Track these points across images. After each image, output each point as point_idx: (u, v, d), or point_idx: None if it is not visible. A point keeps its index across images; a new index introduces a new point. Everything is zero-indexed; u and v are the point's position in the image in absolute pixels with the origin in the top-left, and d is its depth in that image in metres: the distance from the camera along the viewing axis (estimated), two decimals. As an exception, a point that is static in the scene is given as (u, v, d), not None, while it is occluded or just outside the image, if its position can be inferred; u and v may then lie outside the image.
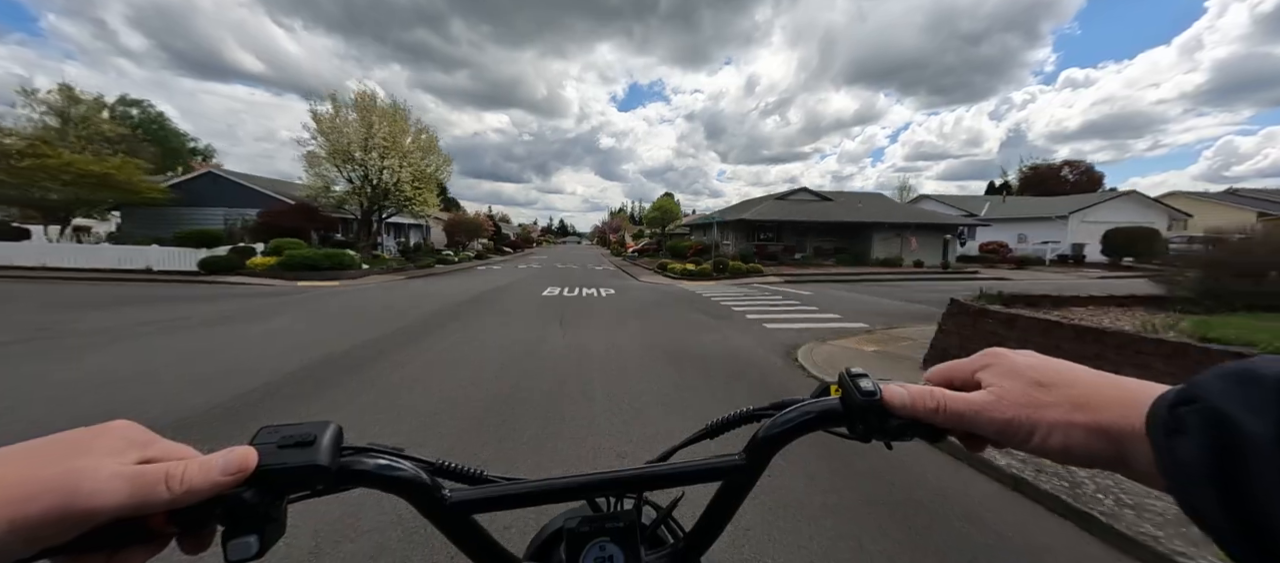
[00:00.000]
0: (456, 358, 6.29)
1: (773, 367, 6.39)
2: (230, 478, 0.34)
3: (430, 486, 0.43)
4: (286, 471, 0.36)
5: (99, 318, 8.72)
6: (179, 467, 0.33)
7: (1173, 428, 0.29)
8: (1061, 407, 0.35)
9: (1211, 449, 0.27)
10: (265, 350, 6.51)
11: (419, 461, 0.44)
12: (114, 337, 7.21)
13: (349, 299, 12.37)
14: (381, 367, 5.80)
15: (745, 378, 5.80)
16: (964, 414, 0.38)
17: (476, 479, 0.47)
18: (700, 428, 0.51)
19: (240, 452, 0.35)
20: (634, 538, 0.47)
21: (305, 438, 0.38)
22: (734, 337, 8.27)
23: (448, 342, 7.28)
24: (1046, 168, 58.88)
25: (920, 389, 0.41)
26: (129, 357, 6.11)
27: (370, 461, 0.41)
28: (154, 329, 7.83)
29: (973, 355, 0.42)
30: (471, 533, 0.44)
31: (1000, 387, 0.38)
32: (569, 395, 4.85)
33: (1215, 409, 0.27)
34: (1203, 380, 0.29)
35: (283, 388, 4.94)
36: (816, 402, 0.45)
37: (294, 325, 8.45)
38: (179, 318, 8.97)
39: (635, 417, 4.33)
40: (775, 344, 7.74)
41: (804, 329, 9.11)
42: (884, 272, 22.74)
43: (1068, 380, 0.37)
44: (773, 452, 0.45)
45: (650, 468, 0.47)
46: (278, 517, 0.37)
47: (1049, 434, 0.35)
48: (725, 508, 0.46)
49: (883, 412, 0.41)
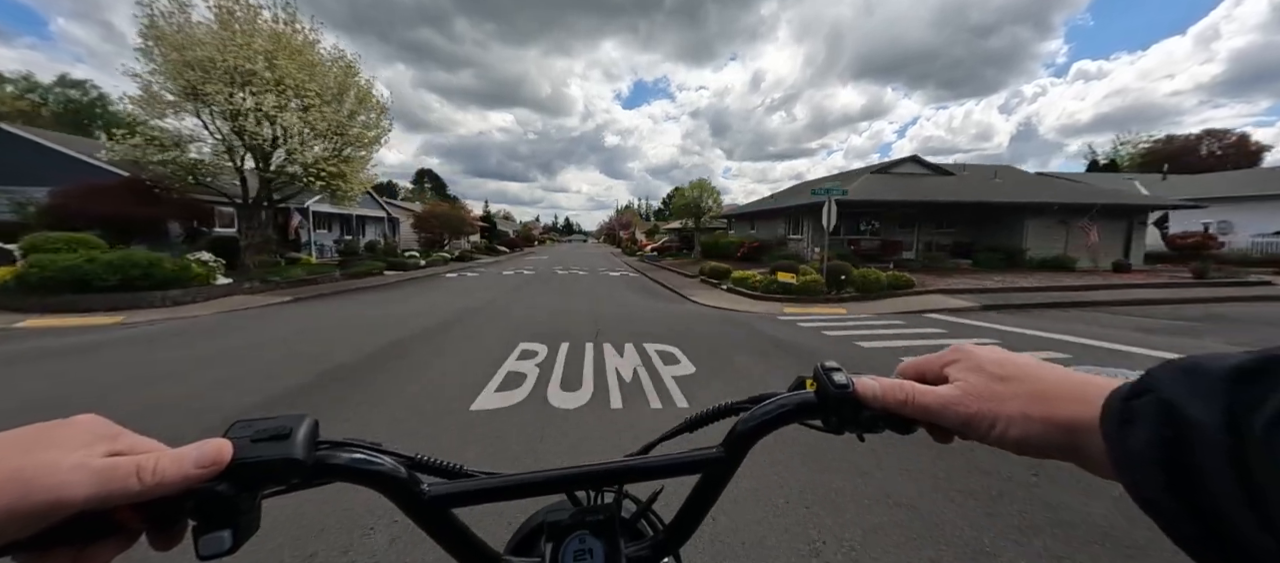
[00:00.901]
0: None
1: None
2: (203, 471, 0.33)
3: (407, 480, 0.42)
4: (261, 464, 0.35)
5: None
6: (150, 459, 0.32)
7: (1125, 419, 0.30)
8: (1020, 400, 0.37)
9: (1161, 437, 0.28)
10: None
11: (398, 455, 0.44)
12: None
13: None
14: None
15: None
16: (930, 407, 0.40)
17: (456, 474, 0.46)
18: (679, 422, 0.51)
19: (214, 444, 0.34)
20: (614, 531, 0.47)
21: (281, 432, 0.37)
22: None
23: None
24: (1182, 142, 48.64)
25: (891, 383, 0.42)
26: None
27: (346, 455, 0.41)
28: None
29: (942, 351, 0.44)
30: (450, 528, 0.44)
31: (965, 381, 0.40)
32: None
33: (1165, 400, 0.28)
34: (1155, 373, 0.30)
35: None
36: (792, 395, 0.46)
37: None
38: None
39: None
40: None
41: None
42: (1072, 283, 13.12)
43: (1028, 375, 0.38)
44: (750, 444, 0.46)
45: (629, 461, 0.48)
46: (252, 511, 0.36)
47: (1008, 426, 0.36)
48: (704, 500, 0.47)
49: (856, 404, 0.42)
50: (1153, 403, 0.29)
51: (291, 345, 6.37)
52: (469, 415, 3.88)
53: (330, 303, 11.03)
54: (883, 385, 0.42)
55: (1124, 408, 0.31)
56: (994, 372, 0.39)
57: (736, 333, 7.64)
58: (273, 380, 4.78)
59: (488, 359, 5.67)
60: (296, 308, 10.27)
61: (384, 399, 4.23)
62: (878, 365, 5.53)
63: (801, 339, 7.19)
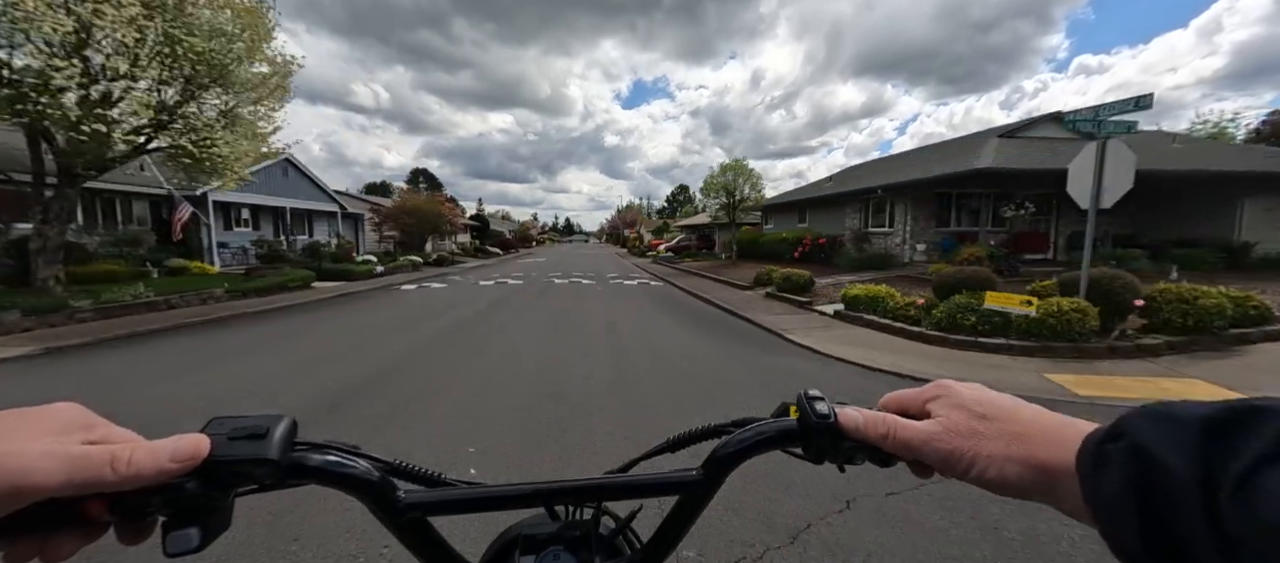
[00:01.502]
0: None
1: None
2: (179, 465, 0.32)
3: (383, 485, 0.41)
4: (234, 462, 0.35)
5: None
6: (126, 450, 0.31)
7: (1099, 463, 0.30)
8: (1000, 440, 0.36)
9: (1133, 483, 0.28)
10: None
11: (375, 460, 0.42)
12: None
13: None
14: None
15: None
16: (911, 442, 0.39)
17: (434, 482, 0.45)
18: (662, 441, 0.51)
19: (191, 439, 0.33)
20: (589, 548, 0.46)
21: (257, 430, 0.36)
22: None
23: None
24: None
25: (873, 415, 0.42)
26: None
27: (321, 457, 0.40)
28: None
29: (925, 386, 0.43)
30: (426, 537, 0.43)
31: (947, 418, 0.39)
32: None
33: (1138, 445, 0.28)
34: (1129, 419, 0.30)
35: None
36: (774, 422, 0.45)
37: None
38: None
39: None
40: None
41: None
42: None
43: (1008, 415, 0.38)
44: (730, 468, 0.45)
45: (608, 478, 0.47)
46: (223, 509, 0.36)
47: (987, 466, 0.36)
48: (680, 522, 0.46)
49: (837, 434, 0.42)
50: (1126, 448, 0.29)
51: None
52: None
53: (87, 363, 5.73)
54: (865, 417, 0.41)
55: (1098, 452, 0.30)
56: (975, 410, 0.39)
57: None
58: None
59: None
60: (15, 374, 5.02)
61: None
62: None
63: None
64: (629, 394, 4.28)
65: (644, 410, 3.89)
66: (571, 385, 4.49)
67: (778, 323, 7.64)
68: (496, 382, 4.61)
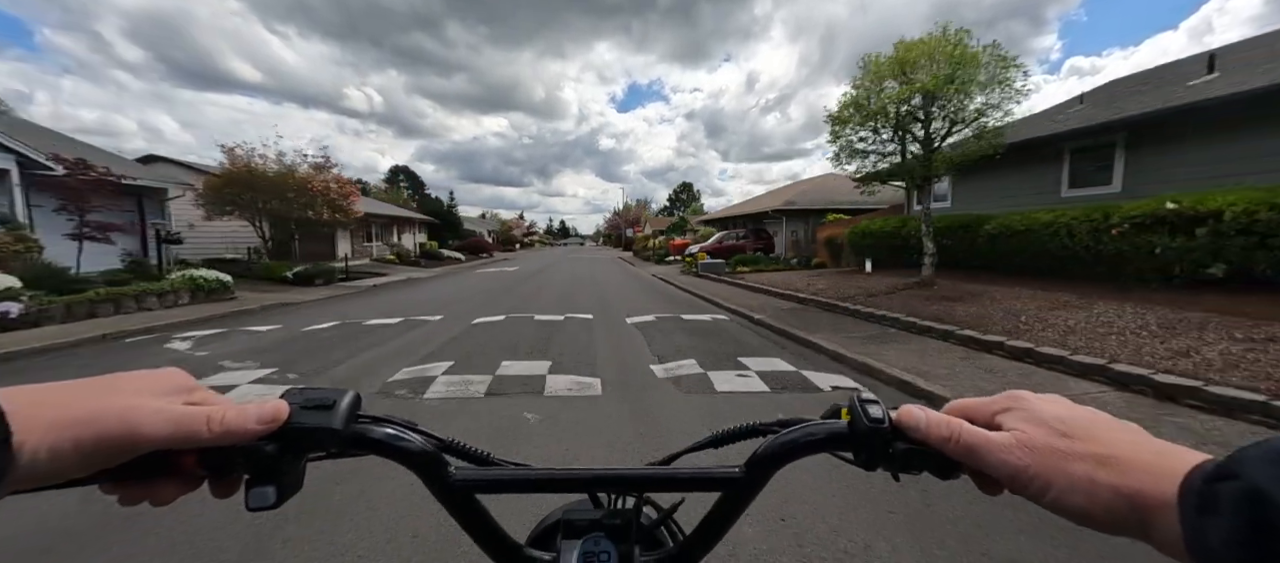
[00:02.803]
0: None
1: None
2: (263, 427, 0.36)
3: (436, 460, 0.43)
4: (304, 430, 0.38)
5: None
6: (218, 410, 0.35)
7: (1207, 505, 0.26)
8: (1086, 461, 0.32)
9: (1246, 532, 0.24)
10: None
11: (429, 436, 0.44)
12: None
13: None
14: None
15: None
16: (976, 448, 0.36)
17: (483, 461, 0.47)
18: (705, 436, 0.50)
19: (273, 404, 0.37)
20: (629, 537, 0.45)
21: (325, 402, 0.39)
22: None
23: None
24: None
25: (938, 416, 0.39)
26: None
27: (381, 430, 0.42)
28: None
29: (995, 395, 0.40)
30: (474, 513, 0.44)
31: (1022, 432, 0.35)
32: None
33: (1256, 489, 0.24)
34: (1244, 455, 0.26)
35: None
36: (823, 423, 0.43)
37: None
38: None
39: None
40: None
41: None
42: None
43: (1095, 435, 0.34)
44: (773, 469, 0.44)
45: (650, 470, 0.47)
46: (296, 472, 0.39)
47: (1070, 491, 0.32)
48: (722, 519, 0.45)
49: (890, 439, 0.40)
50: (1242, 492, 0.25)
51: None
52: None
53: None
54: (929, 417, 0.38)
55: (1205, 491, 0.26)
56: (1056, 426, 0.35)
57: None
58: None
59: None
60: None
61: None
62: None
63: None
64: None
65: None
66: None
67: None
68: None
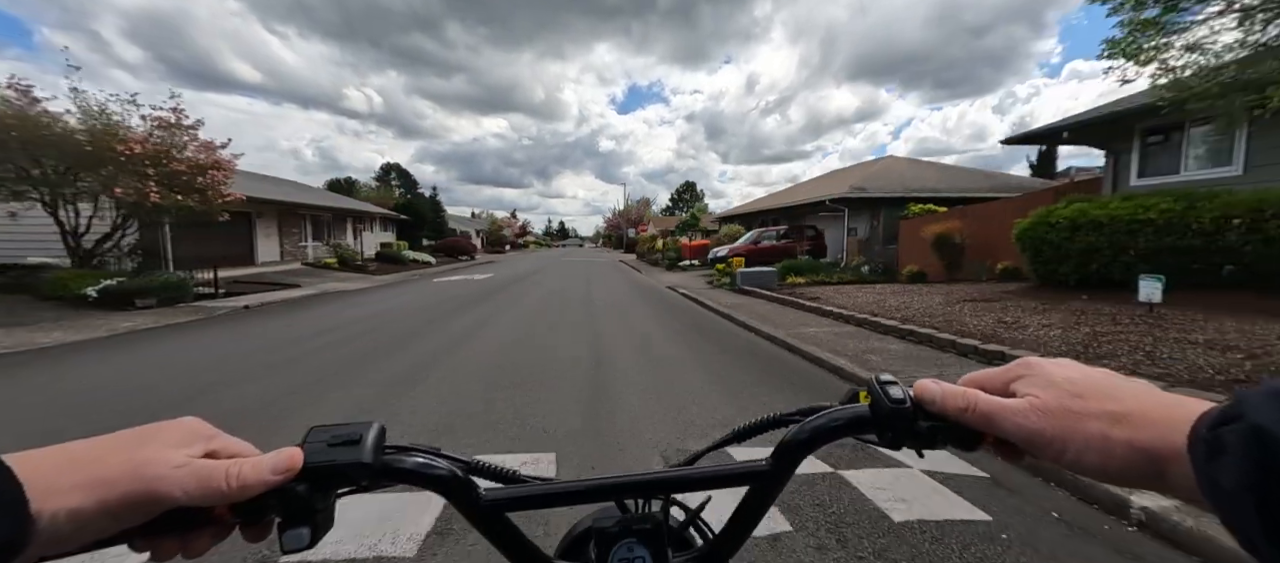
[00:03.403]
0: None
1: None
2: (280, 477, 0.36)
3: (466, 484, 0.43)
4: (334, 467, 0.38)
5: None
6: (236, 466, 0.35)
7: (1214, 450, 0.27)
8: (1100, 420, 0.33)
9: (1253, 470, 0.25)
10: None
11: (455, 460, 0.44)
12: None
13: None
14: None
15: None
16: (992, 416, 0.37)
17: (510, 479, 0.47)
18: (727, 433, 0.50)
19: (288, 453, 0.37)
20: (661, 539, 0.46)
21: (352, 437, 0.39)
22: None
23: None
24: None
25: (952, 388, 0.40)
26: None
27: (410, 459, 0.42)
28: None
29: (1007, 364, 0.41)
30: (505, 531, 0.45)
31: (1035, 396, 0.36)
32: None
33: (1258, 427, 0.25)
34: (1247, 397, 0.27)
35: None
36: (845, 408, 0.44)
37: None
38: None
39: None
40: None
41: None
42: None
43: (1106, 393, 0.35)
44: (800, 457, 0.44)
45: (676, 471, 0.47)
46: (327, 510, 0.39)
47: (1085, 449, 0.33)
48: (752, 512, 0.46)
49: (911, 418, 0.41)
50: (1244, 430, 0.26)
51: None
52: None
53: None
54: (943, 390, 0.40)
55: (1212, 437, 0.27)
56: (1068, 389, 0.36)
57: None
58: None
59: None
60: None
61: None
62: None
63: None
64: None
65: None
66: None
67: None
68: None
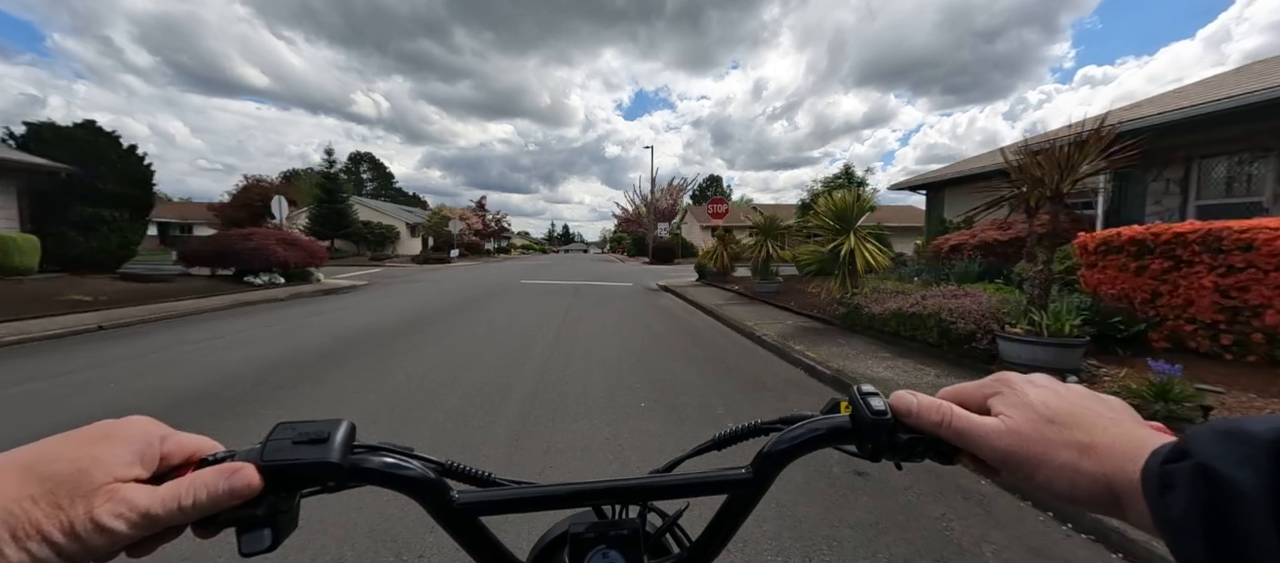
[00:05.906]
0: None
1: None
2: (238, 500, 0.34)
3: (438, 486, 0.42)
4: (299, 466, 0.36)
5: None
6: (188, 496, 0.33)
7: (1166, 484, 0.29)
8: (1070, 449, 0.34)
9: (1200, 506, 0.27)
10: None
11: (428, 461, 0.44)
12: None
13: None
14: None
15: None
16: (966, 433, 0.38)
17: (485, 482, 0.46)
18: (707, 439, 0.50)
19: (245, 473, 0.35)
20: (638, 546, 0.45)
21: (319, 436, 0.38)
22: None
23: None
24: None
25: (929, 400, 0.40)
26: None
27: (379, 459, 0.41)
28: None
29: (984, 379, 0.42)
30: (478, 535, 0.44)
31: (1010, 417, 0.37)
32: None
33: (1204, 466, 0.27)
34: (1194, 435, 0.29)
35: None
36: (826, 418, 0.44)
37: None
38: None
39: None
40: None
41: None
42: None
43: (1076, 420, 0.36)
44: (779, 467, 0.44)
45: (655, 478, 0.46)
46: (291, 511, 0.38)
47: (1055, 477, 0.34)
48: (730, 521, 0.46)
49: (892, 430, 0.41)
50: (1193, 468, 0.28)
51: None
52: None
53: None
54: (920, 402, 0.40)
55: (1163, 473, 0.29)
56: (1042, 412, 0.36)
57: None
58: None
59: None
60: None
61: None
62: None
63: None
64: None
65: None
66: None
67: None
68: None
